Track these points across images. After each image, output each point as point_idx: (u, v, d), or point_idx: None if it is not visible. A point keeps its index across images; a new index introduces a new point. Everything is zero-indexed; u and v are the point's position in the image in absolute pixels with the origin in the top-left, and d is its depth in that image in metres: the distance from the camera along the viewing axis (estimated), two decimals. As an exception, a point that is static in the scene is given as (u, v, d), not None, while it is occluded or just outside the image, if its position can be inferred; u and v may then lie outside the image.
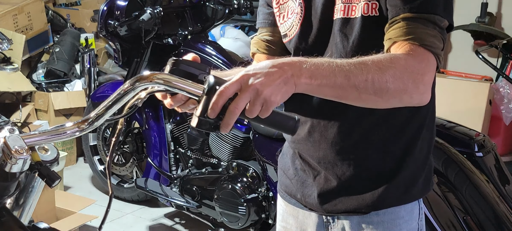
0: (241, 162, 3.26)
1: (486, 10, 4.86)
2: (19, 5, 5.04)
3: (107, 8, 3.65)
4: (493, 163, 2.75)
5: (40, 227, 1.26)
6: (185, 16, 3.77)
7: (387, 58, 1.19)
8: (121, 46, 3.73)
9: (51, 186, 1.15)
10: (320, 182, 1.49)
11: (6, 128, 1.16)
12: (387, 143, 1.43)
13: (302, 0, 1.43)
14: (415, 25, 1.24)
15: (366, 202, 1.44)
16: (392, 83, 1.17)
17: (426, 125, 1.47)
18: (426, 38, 1.23)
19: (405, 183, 1.44)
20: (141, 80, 1.12)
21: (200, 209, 3.44)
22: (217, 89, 1.08)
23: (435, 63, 1.25)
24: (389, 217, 1.45)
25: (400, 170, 1.43)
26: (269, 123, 1.15)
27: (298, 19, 1.44)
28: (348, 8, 1.35)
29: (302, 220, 1.57)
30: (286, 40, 1.49)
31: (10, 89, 4.61)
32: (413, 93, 1.21)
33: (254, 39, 1.58)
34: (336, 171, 1.46)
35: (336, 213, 1.49)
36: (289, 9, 1.47)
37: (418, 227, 1.50)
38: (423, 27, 1.24)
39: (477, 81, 4.38)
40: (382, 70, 1.16)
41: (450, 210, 2.48)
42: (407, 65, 1.19)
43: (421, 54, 1.22)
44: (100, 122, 1.16)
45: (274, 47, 1.54)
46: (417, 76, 1.20)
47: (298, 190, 1.55)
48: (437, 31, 1.25)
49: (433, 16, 1.25)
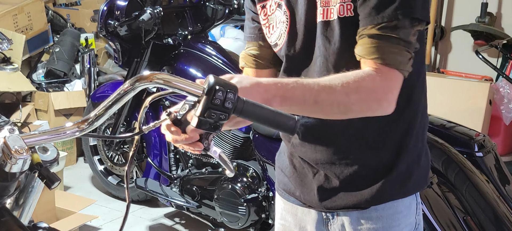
0: (241, 162, 3.26)
1: (486, 10, 4.86)
2: (19, 5, 5.04)
3: (107, 8, 3.65)
4: (493, 163, 2.75)
5: (40, 227, 1.26)
6: (185, 16, 3.77)
7: (354, 81, 1.27)
8: (121, 46, 3.73)
9: (51, 188, 1.15)
10: (320, 179, 1.51)
11: (6, 127, 1.16)
12: (381, 138, 1.45)
13: (286, 9, 1.47)
14: (378, 43, 1.30)
15: (365, 197, 1.46)
16: (357, 105, 1.28)
17: (418, 118, 1.49)
18: (389, 57, 1.29)
19: (402, 177, 1.47)
20: (141, 80, 1.12)
21: (200, 209, 3.44)
22: (217, 89, 1.08)
23: (400, 78, 1.31)
24: (388, 212, 1.47)
25: (396, 164, 1.46)
26: (269, 122, 1.15)
27: (285, 27, 1.47)
28: (327, 11, 1.40)
29: (301, 217, 1.59)
30: (277, 49, 1.51)
31: (10, 89, 4.61)
32: (376, 111, 1.32)
33: (242, 53, 1.61)
34: (334, 170, 1.49)
35: (336, 209, 1.50)
36: (276, 19, 1.50)
37: (415, 222, 1.52)
38: (386, 44, 1.29)
39: (477, 81, 4.37)
40: (348, 94, 1.26)
41: (450, 210, 2.48)
42: (373, 87, 1.28)
43: (386, 73, 1.29)
44: (100, 122, 1.16)
45: (261, 62, 1.57)
46: (381, 95, 1.30)
47: (297, 187, 1.56)
48: (401, 47, 1.29)
49: (396, 29, 1.29)
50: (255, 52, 1.57)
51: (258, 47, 1.57)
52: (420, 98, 1.48)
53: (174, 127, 1.20)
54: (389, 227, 1.48)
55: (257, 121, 1.15)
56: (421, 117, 1.50)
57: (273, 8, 1.50)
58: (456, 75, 4.67)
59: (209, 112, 1.10)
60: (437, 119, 2.92)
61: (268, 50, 1.56)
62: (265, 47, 1.56)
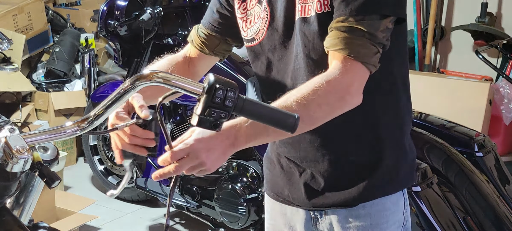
0: (241, 162, 3.26)
1: (486, 10, 4.86)
2: (19, 5, 5.03)
3: (107, 8, 3.65)
4: (493, 163, 2.75)
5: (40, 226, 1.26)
6: (185, 16, 3.77)
7: (309, 90, 1.28)
8: (121, 46, 3.73)
9: (51, 187, 1.15)
10: (306, 177, 1.53)
11: (6, 127, 1.16)
12: (364, 134, 1.47)
13: (267, 5, 1.48)
14: (342, 35, 1.31)
15: (353, 195, 1.48)
16: (319, 112, 1.29)
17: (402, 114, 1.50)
18: (352, 49, 1.30)
19: (389, 173, 1.48)
20: (140, 79, 1.12)
21: (200, 209, 3.44)
22: (217, 87, 1.09)
23: (364, 71, 1.32)
24: (375, 208, 1.48)
25: (382, 160, 1.47)
26: (269, 120, 1.16)
27: (264, 23, 1.48)
28: (305, 8, 1.41)
29: (290, 217, 1.60)
30: (253, 44, 1.53)
31: (10, 89, 4.61)
32: (343, 108, 1.32)
33: (195, 28, 1.64)
34: (319, 168, 1.50)
35: (324, 207, 1.52)
36: (255, 14, 1.51)
37: (403, 219, 1.53)
38: (351, 37, 1.30)
39: (477, 81, 4.37)
40: (306, 106, 1.26)
41: (450, 210, 2.48)
42: (330, 86, 1.29)
43: (346, 65, 1.30)
44: (100, 121, 1.16)
45: (206, 49, 1.60)
46: (341, 92, 1.31)
47: (285, 186, 1.58)
48: (365, 40, 1.30)
49: (362, 22, 1.30)
50: (204, 39, 1.60)
51: (208, 35, 1.60)
52: (403, 94, 1.49)
53: (139, 129, 1.26)
54: (377, 224, 1.49)
55: (257, 119, 1.15)
56: (404, 113, 1.51)
57: (253, 3, 1.52)
58: (456, 75, 4.67)
59: (210, 111, 1.10)
60: (437, 119, 2.92)
61: (216, 41, 1.59)
62: (215, 38, 1.59)
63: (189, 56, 1.62)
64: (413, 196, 2.39)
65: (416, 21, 5.10)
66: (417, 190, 2.39)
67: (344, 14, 1.32)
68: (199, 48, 1.61)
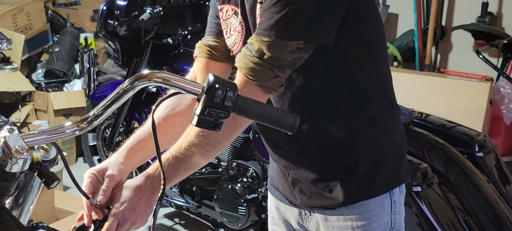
0: (241, 162, 3.25)
1: (486, 10, 4.86)
2: (19, 4, 5.03)
3: (107, 8, 3.65)
4: (493, 163, 2.75)
5: (39, 227, 1.26)
6: (185, 16, 3.77)
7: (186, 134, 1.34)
8: (120, 46, 3.73)
9: (50, 187, 1.15)
10: (292, 180, 1.57)
11: (5, 127, 1.15)
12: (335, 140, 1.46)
13: (242, 19, 1.46)
14: (245, 53, 1.32)
15: (333, 200, 1.49)
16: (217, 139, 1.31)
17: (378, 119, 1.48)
18: (249, 71, 1.30)
19: (367, 177, 1.47)
20: (140, 79, 1.12)
21: (200, 209, 3.44)
22: (217, 87, 1.09)
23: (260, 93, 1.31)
24: (358, 210, 1.49)
25: (357, 165, 1.47)
26: (269, 120, 1.15)
27: (240, 37, 1.48)
28: None
29: (284, 211, 1.67)
30: (233, 53, 1.53)
31: (10, 89, 4.61)
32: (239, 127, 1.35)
33: (198, 43, 1.62)
34: (301, 174, 1.53)
35: (309, 208, 1.56)
36: (231, 26, 1.50)
37: (391, 221, 1.52)
38: (250, 59, 1.30)
39: (477, 81, 4.37)
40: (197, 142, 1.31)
41: (450, 210, 2.47)
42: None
43: (246, 85, 1.30)
44: (99, 121, 1.16)
45: (216, 53, 1.57)
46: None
47: (280, 183, 1.64)
48: (264, 63, 1.29)
49: (266, 43, 1.28)
50: (212, 43, 1.58)
51: (216, 40, 1.58)
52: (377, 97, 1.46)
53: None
54: (360, 225, 1.49)
55: (257, 119, 1.15)
56: (382, 116, 1.49)
57: (229, 13, 1.50)
58: (456, 75, 4.67)
59: (209, 111, 1.10)
60: (438, 119, 2.91)
61: (223, 44, 1.57)
62: (222, 41, 1.57)
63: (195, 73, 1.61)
64: (414, 196, 2.39)
65: (417, 21, 5.10)
66: (417, 190, 2.39)
67: (256, 33, 1.31)
68: (207, 56, 1.58)
